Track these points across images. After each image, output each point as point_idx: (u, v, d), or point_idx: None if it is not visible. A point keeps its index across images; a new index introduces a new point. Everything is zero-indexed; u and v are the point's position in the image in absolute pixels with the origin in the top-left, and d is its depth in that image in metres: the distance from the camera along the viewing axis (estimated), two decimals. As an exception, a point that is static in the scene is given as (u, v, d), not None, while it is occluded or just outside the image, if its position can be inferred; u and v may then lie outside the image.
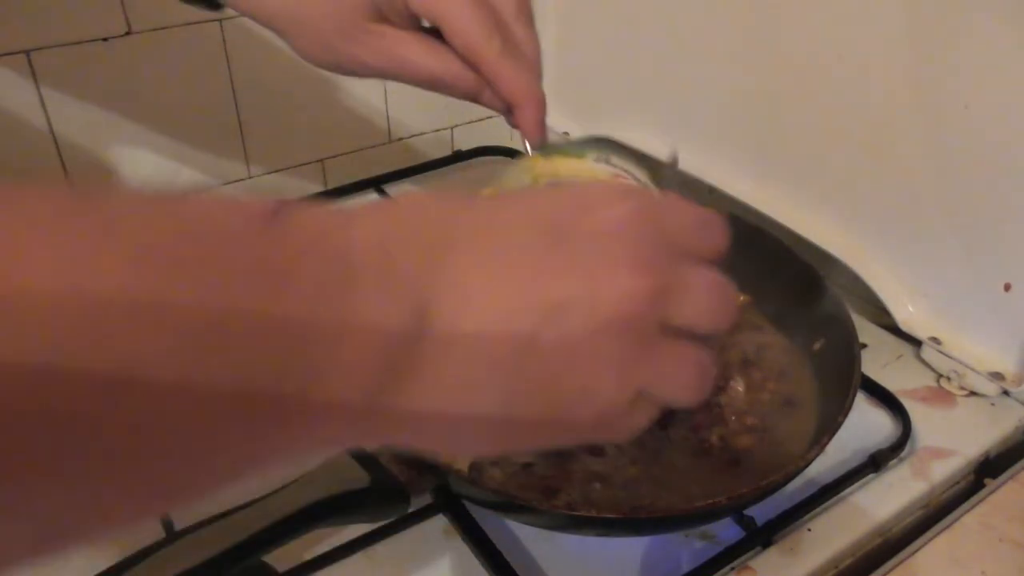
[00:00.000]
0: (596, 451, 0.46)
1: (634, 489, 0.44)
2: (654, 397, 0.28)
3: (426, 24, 0.44)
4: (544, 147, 0.43)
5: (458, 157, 0.82)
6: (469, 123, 0.86)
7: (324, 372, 0.22)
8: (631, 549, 0.45)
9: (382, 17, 0.43)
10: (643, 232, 0.27)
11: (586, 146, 0.40)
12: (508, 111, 0.45)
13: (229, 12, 0.50)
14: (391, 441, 0.26)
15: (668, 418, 0.48)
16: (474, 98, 0.45)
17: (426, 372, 0.24)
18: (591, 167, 0.38)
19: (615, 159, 0.38)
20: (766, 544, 0.45)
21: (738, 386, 0.51)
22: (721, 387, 0.51)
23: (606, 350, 0.25)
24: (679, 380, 0.28)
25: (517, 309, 0.24)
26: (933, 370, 0.57)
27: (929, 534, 0.45)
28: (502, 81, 0.43)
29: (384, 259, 0.23)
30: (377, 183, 0.75)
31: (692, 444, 0.47)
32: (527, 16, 0.44)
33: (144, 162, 0.71)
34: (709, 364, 0.28)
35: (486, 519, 0.45)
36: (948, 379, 0.56)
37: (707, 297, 0.28)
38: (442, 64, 0.43)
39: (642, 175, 0.39)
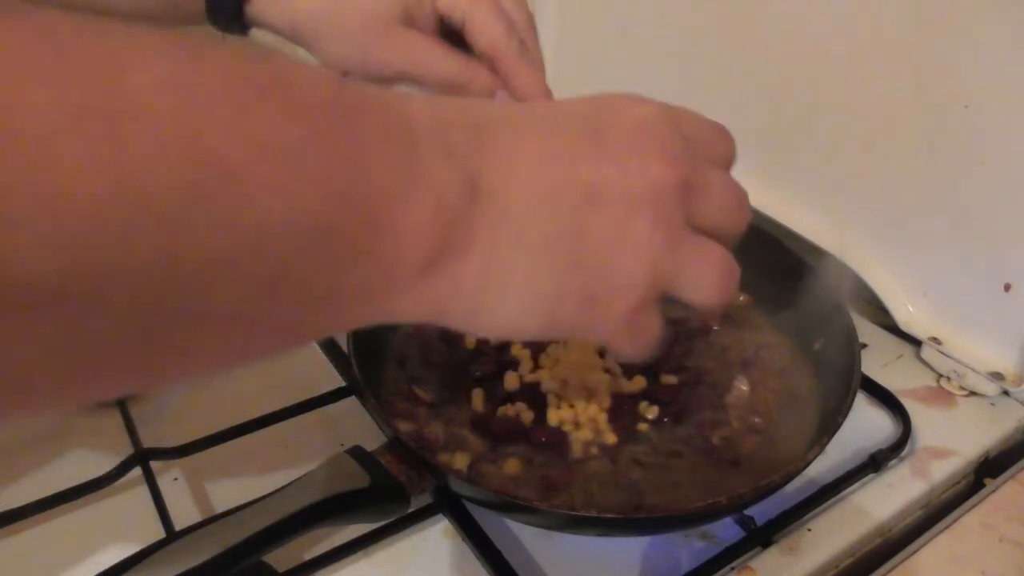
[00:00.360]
0: (607, 454, 0.46)
1: (638, 490, 0.44)
2: (680, 294, 0.29)
3: (446, 27, 0.47)
4: None
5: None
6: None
7: (391, 221, 0.23)
8: (631, 549, 0.45)
9: (410, 20, 0.46)
10: (668, 131, 0.29)
11: None
12: None
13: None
14: (442, 312, 0.27)
15: (680, 415, 0.49)
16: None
17: (480, 240, 0.25)
18: None
19: None
20: (766, 544, 0.45)
21: (742, 385, 0.51)
22: (726, 387, 0.51)
23: (641, 232, 0.27)
24: (705, 276, 0.29)
25: (559, 187, 0.27)
26: (933, 370, 0.57)
27: (929, 534, 0.45)
28: (519, 78, 0.46)
29: (439, 130, 0.25)
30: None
31: (699, 444, 0.47)
32: (535, 30, 0.48)
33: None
34: (734, 265, 0.30)
35: (486, 519, 0.45)
36: (948, 379, 0.56)
37: (726, 197, 0.30)
38: (461, 66, 0.46)
39: None
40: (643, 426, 0.48)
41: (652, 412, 0.49)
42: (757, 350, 0.53)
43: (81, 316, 0.19)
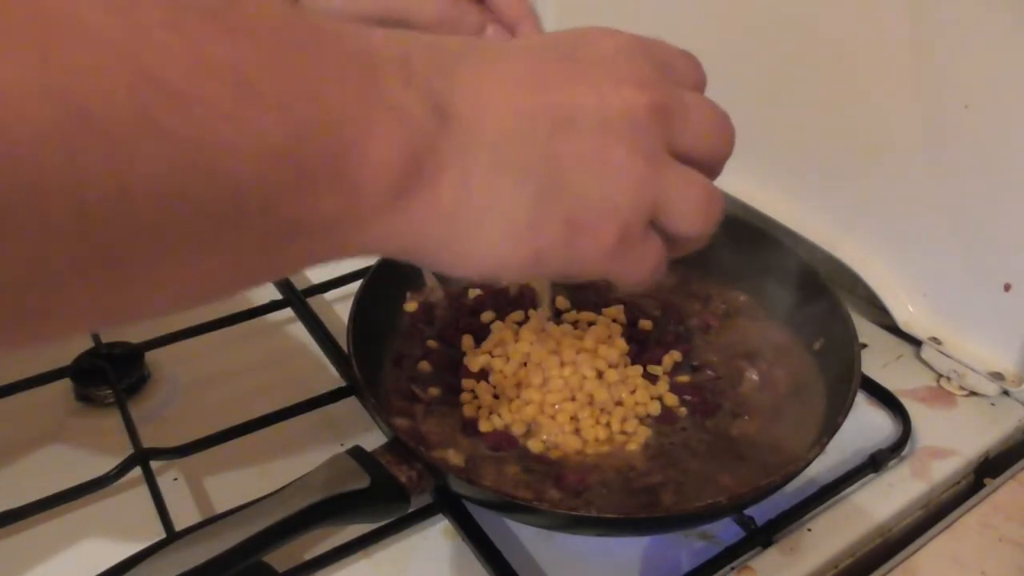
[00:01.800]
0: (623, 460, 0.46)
1: (654, 489, 0.44)
2: (665, 223, 0.29)
3: None
4: None
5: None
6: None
7: (354, 145, 0.23)
8: (631, 549, 0.45)
9: None
10: (641, 58, 0.29)
11: None
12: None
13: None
14: (417, 245, 0.26)
15: (708, 408, 0.49)
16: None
17: (452, 166, 0.25)
18: None
19: None
20: (766, 544, 0.45)
21: (752, 375, 0.51)
22: (737, 379, 0.51)
23: (619, 156, 0.27)
24: (689, 203, 0.29)
25: (532, 112, 0.26)
26: (933, 370, 0.57)
27: (929, 534, 0.45)
28: (510, 8, 0.45)
29: (401, 58, 0.24)
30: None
31: (710, 436, 0.47)
32: None
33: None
34: (718, 193, 0.30)
35: (486, 519, 0.45)
36: (948, 379, 0.56)
37: (707, 121, 0.30)
38: (448, 3, 0.44)
39: None
40: (653, 424, 0.48)
41: (675, 402, 0.49)
42: (760, 346, 0.53)
43: (31, 242, 0.18)
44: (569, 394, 0.48)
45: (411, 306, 0.55)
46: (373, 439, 0.49)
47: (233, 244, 0.22)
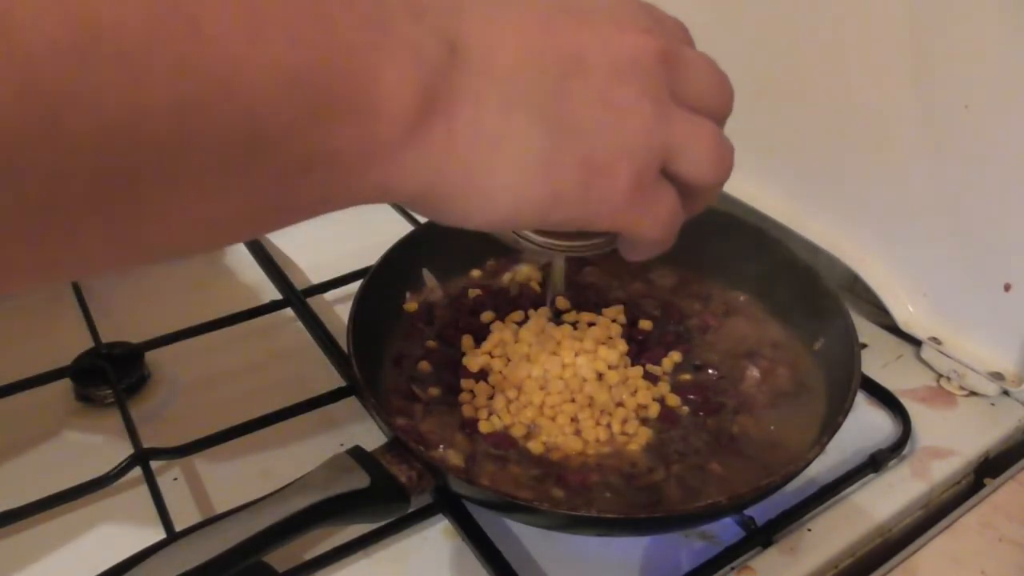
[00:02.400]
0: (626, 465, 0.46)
1: (655, 489, 0.44)
2: (678, 171, 0.29)
3: None
4: None
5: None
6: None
7: (368, 74, 0.23)
8: (631, 549, 0.45)
9: None
10: (640, 10, 0.29)
11: None
12: None
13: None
14: (434, 184, 0.26)
15: (711, 407, 0.49)
16: None
17: (466, 101, 0.25)
18: None
19: None
20: (766, 544, 0.45)
21: (754, 373, 0.51)
22: (740, 377, 0.51)
23: (629, 98, 0.27)
24: (701, 149, 0.29)
25: (542, 52, 0.26)
26: (933, 370, 0.57)
27: (929, 534, 0.45)
28: None
29: (410, 6, 0.24)
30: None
31: (712, 435, 0.47)
32: None
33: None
34: (728, 142, 0.30)
35: (486, 519, 0.45)
36: (948, 379, 0.56)
37: (708, 74, 0.30)
38: None
39: None
40: (658, 423, 0.48)
41: (676, 401, 0.49)
42: (761, 346, 0.53)
43: (48, 160, 0.18)
44: (569, 396, 0.48)
45: (411, 306, 0.55)
46: (373, 439, 0.49)
47: (249, 177, 0.22)
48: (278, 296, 0.61)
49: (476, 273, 0.59)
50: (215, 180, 0.22)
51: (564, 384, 0.48)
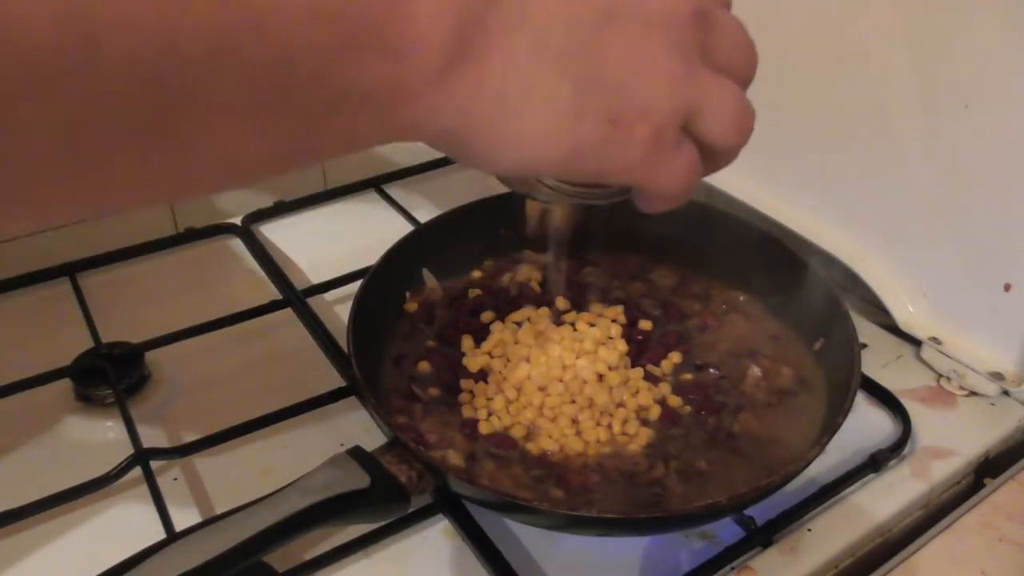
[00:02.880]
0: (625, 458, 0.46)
1: (655, 489, 0.44)
2: (699, 131, 0.29)
3: None
4: None
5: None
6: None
7: (403, 9, 0.23)
8: (631, 549, 0.45)
9: None
10: None
11: None
12: None
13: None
14: (461, 129, 0.26)
15: (712, 406, 0.49)
16: None
17: (498, 44, 0.25)
18: None
19: None
20: (766, 544, 0.45)
21: (755, 372, 0.51)
22: (741, 376, 0.51)
23: (658, 54, 0.27)
24: (724, 109, 0.29)
25: (576, 2, 0.26)
26: (933, 370, 0.57)
27: (929, 534, 0.45)
28: None
29: None
30: (377, 183, 0.75)
31: (713, 434, 0.47)
32: None
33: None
34: (750, 105, 0.30)
35: (486, 519, 0.45)
36: (948, 379, 0.56)
37: (736, 36, 0.30)
38: None
39: None
40: (659, 423, 0.48)
41: (676, 401, 0.49)
42: (761, 346, 0.53)
43: (85, 90, 0.19)
44: (569, 397, 0.48)
45: (411, 306, 0.55)
46: (373, 439, 0.49)
47: (281, 112, 0.22)
48: (278, 296, 0.61)
49: (476, 273, 0.59)
50: (247, 113, 0.22)
51: (564, 386, 0.48)
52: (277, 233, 0.70)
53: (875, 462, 0.48)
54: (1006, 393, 0.55)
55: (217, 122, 0.22)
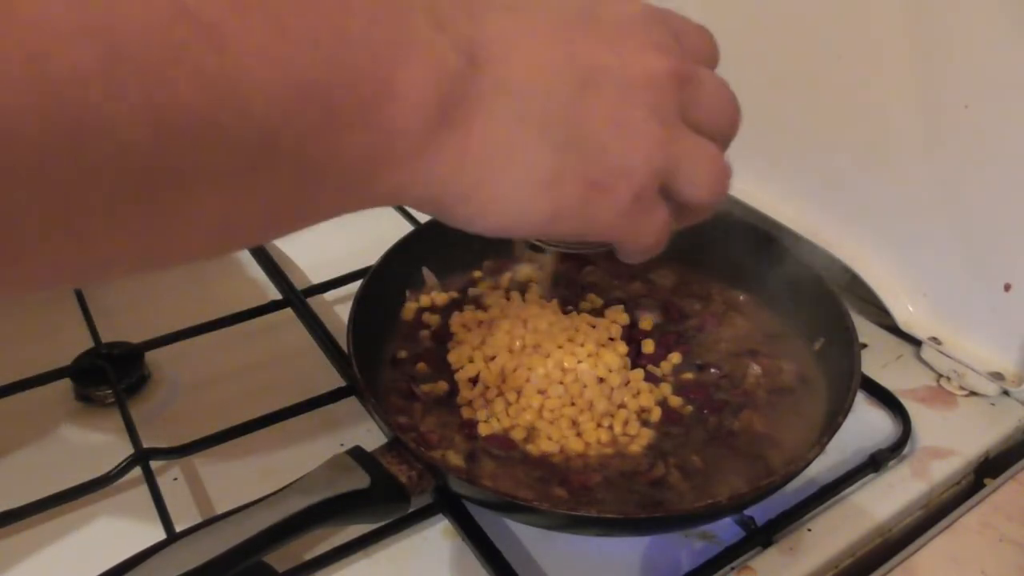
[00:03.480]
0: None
1: (656, 489, 0.44)
2: (675, 190, 0.29)
3: None
4: None
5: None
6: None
7: (387, 84, 0.23)
8: (631, 549, 0.45)
9: None
10: (658, 27, 0.29)
11: None
12: None
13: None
14: (444, 193, 0.26)
15: (714, 405, 0.49)
16: None
17: (480, 112, 0.25)
18: None
19: None
20: (766, 544, 0.45)
21: (756, 369, 0.51)
22: (742, 375, 0.51)
23: (639, 118, 0.27)
24: (701, 170, 0.29)
25: (558, 67, 0.26)
26: (933, 370, 0.57)
27: (929, 534, 0.45)
28: None
29: (431, 10, 0.25)
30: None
31: (714, 433, 0.47)
32: None
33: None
34: (728, 165, 0.30)
35: (486, 519, 0.45)
36: (948, 379, 0.56)
37: (718, 95, 0.30)
38: None
39: None
40: (660, 424, 0.48)
41: (677, 401, 0.49)
42: (761, 345, 0.53)
43: (69, 178, 0.19)
44: (569, 399, 0.48)
45: (411, 306, 0.55)
46: (373, 439, 0.49)
47: (266, 183, 0.23)
48: (278, 296, 0.61)
49: (476, 273, 0.59)
50: (233, 186, 0.22)
51: (564, 388, 0.48)
52: (277, 233, 0.70)
53: (875, 462, 0.48)
54: (1006, 393, 0.55)
55: (204, 194, 0.22)
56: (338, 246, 0.66)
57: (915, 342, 0.58)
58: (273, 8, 0.21)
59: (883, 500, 0.48)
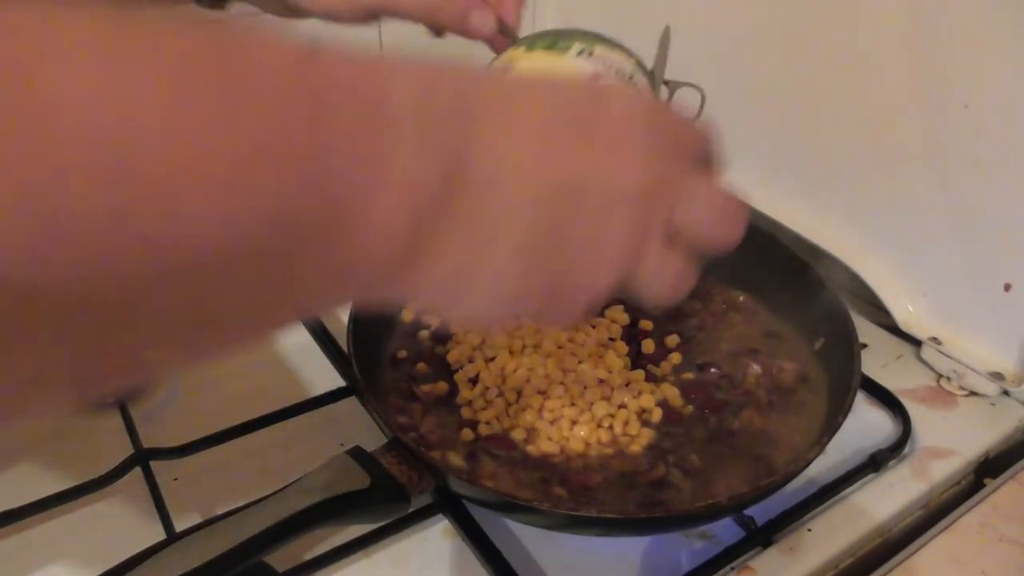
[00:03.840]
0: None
1: (656, 489, 0.44)
2: (633, 288, 0.29)
3: None
4: (529, 37, 0.41)
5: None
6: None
7: (355, 220, 0.22)
8: (631, 549, 0.45)
9: None
10: (655, 129, 0.28)
11: (570, 37, 0.38)
12: (493, 32, 0.46)
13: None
14: (413, 295, 0.26)
15: (715, 404, 0.49)
16: (461, 25, 0.45)
17: (455, 234, 0.24)
18: (572, 64, 0.36)
19: (599, 49, 0.36)
20: (766, 544, 0.45)
21: (757, 369, 0.51)
22: (742, 375, 0.51)
23: (615, 235, 0.27)
24: (661, 283, 0.29)
25: (544, 183, 0.26)
26: (933, 370, 0.57)
27: (929, 534, 0.45)
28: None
29: (421, 111, 0.23)
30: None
31: (714, 433, 0.48)
32: None
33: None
34: (692, 274, 0.30)
35: (486, 519, 0.45)
36: (948, 379, 0.56)
37: (711, 207, 0.30)
38: None
39: (629, 64, 0.37)
40: (661, 423, 0.48)
41: (678, 401, 0.49)
42: (761, 345, 0.53)
43: (16, 322, 0.17)
44: (569, 400, 0.48)
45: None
46: (373, 439, 0.48)
47: (223, 313, 0.22)
48: (278, 296, 0.61)
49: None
50: (178, 324, 0.21)
51: (564, 389, 0.48)
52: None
53: (875, 462, 0.48)
54: (1006, 393, 0.55)
55: (150, 332, 0.20)
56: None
57: (915, 342, 0.58)
58: (239, 153, 0.19)
59: (883, 500, 0.48)
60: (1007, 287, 0.52)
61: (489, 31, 0.46)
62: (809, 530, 0.46)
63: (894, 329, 0.59)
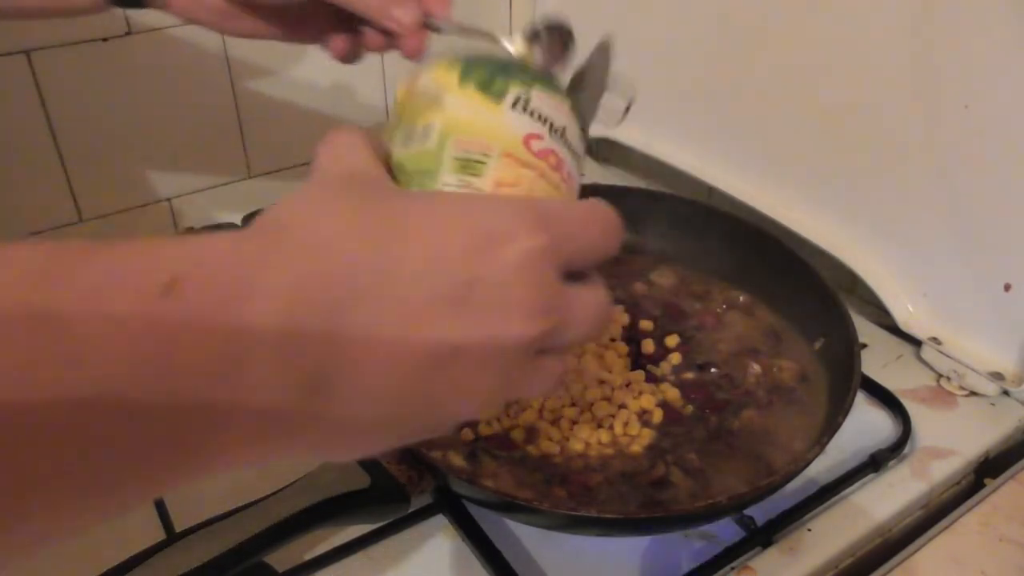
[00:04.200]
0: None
1: (657, 489, 0.44)
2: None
3: None
4: (465, 59, 0.33)
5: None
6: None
7: (213, 449, 0.23)
8: (631, 549, 0.45)
9: None
10: (542, 276, 0.27)
11: (508, 74, 0.33)
12: (417, 26, 0.44)
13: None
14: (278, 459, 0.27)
15: (715, 404, 0.49)
16: (381, 15, 0.44)
17: (317, 430, 0.25)
18: (504, 121, 0.33)
19: (536, 95, 0.33)
20: (766, 544, 0.45)
21: (756, 368, 0.51)
22: (742, 375, 0.51)
23: (485, 388, 0.27)
24: (531, 391, 0.29)
25: (415, 363, 0.26)
26: (933, 370, 0.57)
27: (929, 534, 0.45)
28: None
29: (284, 329, 0.23)
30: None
31: (715, 433, 0.48)
32: None
33: (144, 162, 0.71)
34: (563, 374, 0.30)
35: (486, 519, 0.45)
36: (948, 379, 0.56)
37: (586, 323, 0.29)
38: None
39: (563, 114, 0.34)
40: (662, 423, 0.48)
41: (678, 401, 0.49)
42: (761, 345, 0.53)
43: None
44: (569, 400, 0.48)
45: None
46: (373, 439, 0.48)
47: (119, 474, 0.22)
48: (278, 296, 0.61)
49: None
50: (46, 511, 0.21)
51: (564, 390, 0.48)
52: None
53: (875, 462, 0.48)
54: (1006, 393, 0.55)
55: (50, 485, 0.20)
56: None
57: (915, 342, 0.58)
58: (75, 407, 0.20)
59: (883, 500, 0.48)
60: (1007, 287, 0.52)
61: (411, 23, 0.44)
62: (809, 530, 0.46)
63: (894, 329, 0.59)
